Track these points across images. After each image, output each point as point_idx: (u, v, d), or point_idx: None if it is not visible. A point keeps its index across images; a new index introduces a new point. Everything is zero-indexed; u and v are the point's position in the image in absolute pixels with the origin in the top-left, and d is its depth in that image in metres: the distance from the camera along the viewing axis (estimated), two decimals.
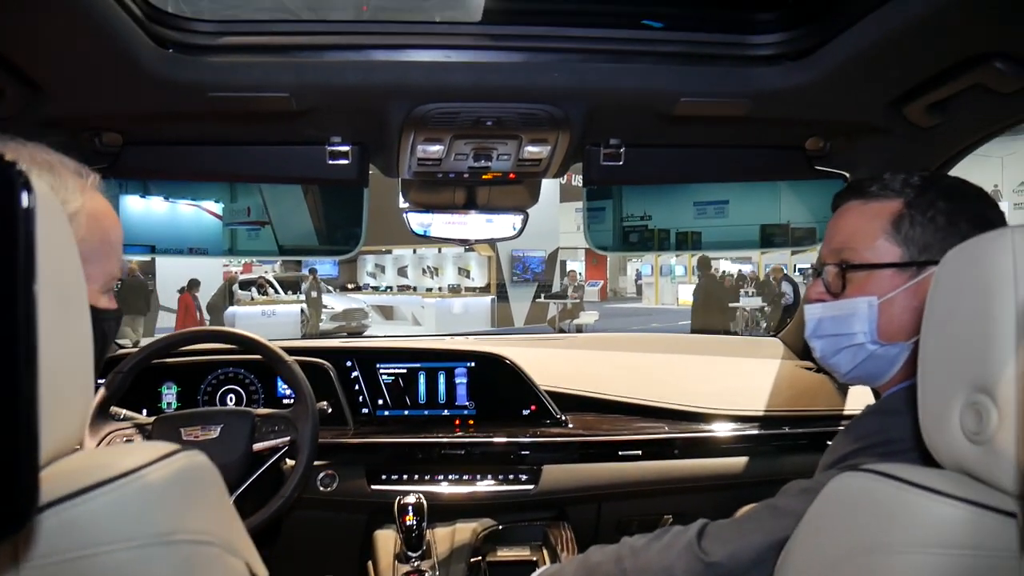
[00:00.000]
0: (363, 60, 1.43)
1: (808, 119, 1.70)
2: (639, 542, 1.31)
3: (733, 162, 1.95)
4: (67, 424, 0.66)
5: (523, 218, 2.06)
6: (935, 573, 0.77)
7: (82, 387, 0.68)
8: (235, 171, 1.89)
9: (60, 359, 0.63)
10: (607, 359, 2.65)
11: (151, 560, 0.66)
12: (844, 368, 1.25)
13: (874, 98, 1.57)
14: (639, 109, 1.61)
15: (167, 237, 2.09)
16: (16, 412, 0.54)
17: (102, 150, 1.72)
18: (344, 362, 2.32)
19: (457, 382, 2.35)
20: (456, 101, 1.53)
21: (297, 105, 1.50)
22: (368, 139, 1.76)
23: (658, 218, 2.22)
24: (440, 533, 2.04)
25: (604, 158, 1.79)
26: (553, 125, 1.61)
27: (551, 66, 1.47)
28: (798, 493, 1.15)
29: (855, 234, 1.21)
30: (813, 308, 1.27)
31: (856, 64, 1.41)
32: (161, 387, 2.27)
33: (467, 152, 1.74)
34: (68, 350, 0.65)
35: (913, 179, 1.20)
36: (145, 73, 1.36)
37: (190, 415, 1.84)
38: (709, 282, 14.98)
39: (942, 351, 0.82)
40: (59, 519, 0.62)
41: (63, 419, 0.65)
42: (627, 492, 2.18)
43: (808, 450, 2.20)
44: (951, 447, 0.79)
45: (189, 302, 15.23)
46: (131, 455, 0.69)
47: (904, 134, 1.67)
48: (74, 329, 0.67)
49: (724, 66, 1.51)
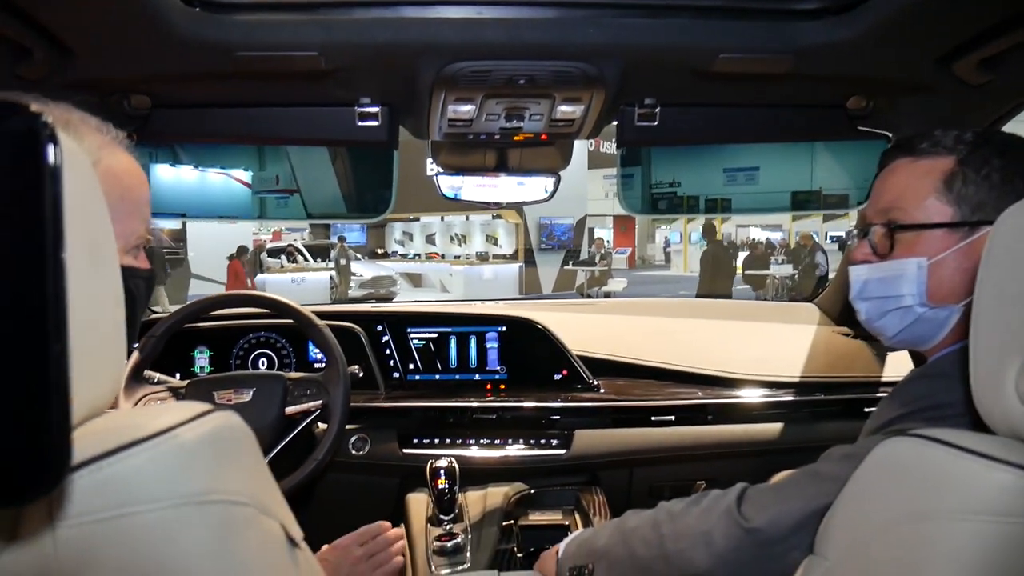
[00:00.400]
0: (393, 17, 1.40)
1: (851, 76, 1.64)
2: (676, 506, 1.30)
3: (772, 122, 1.90)
4: (100, 384, 0.65)
5: (555, 180, 2.03)
6: (988, 541, 0.75)
7: (114, 346, 0.68)
8: (264, 133, 1.87)
9: (91, 319, 0.62)
10: (638, 324, 2.63)
11: (186, 520, 0.65)
12: (891, 331, 1.21)
13: (922, 54, 1.51)
14: (676, 66, 1.56)
15: (197, 205, 2.09)
16: (47, 373, 0.53)
17: (131, 113, 1.71)
18: (375, 327, 2.32)
19: (488, 346, 2.34)
20: (488, 59, 1.49)
21: (326, 64, 1.47)
22: (398, 100, 1.73)
23: (687, 184, 2.18)
24: (472, 497, 2.04)
25: (639, 118, 1.75)
26: (587, 84, 1.57)
27: (586, 21, 1.43)
28: (840, 459, 1.13)
29: (904, 193, 1.17)
30: (859, 270, 1.24)
31: (904, 17, 1.35)
32: (194, 351, 2.28)
33: (499, 112, 1.71)
34: (99, 310, 0.64)
35: (966, 136, 1.15)
36: (173, 32, 1.34)
37: (223, 379, 1.85)
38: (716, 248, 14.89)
39: (998, 313, 0.79)
40: (92, 479, 0.62)
41: (95, 379, 0.64)
42: (659, 457, 2.16)
43: (844, 416, 2.17)
44: (1006, 412, 0.76)
45: (239, 268, 15.46)
46: (164, 415, 0.68)
47: (952, 92, 1.61)
48: (105, 288, 0.66)
49: (765, 21, 1.46)
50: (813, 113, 1.87)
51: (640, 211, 2.23)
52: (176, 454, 0.66)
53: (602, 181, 26.31)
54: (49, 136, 0.53)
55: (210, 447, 0.69)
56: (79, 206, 0.60)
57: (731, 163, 2.16)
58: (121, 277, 0.70)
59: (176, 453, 0.66)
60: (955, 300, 1.13)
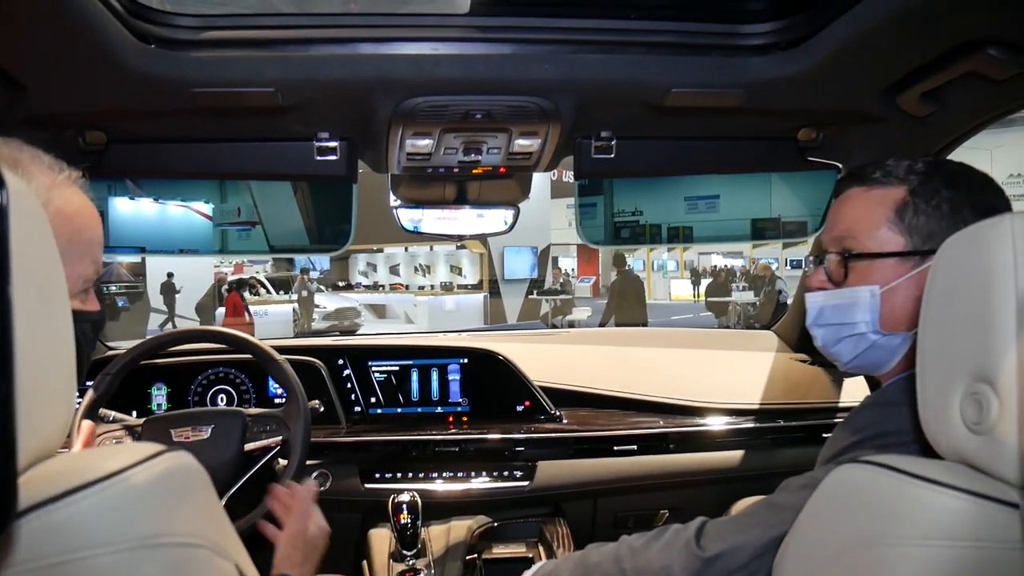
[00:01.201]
0: (349, 53, 1.41)
1: (801, 109, 1.68)
2: (638, 541, 1.30)
3: (726, 154, 1.94)
4: (48, 426, 0.64)
5: (514, 212, 2.04)
6: (937, 565, 0.76)
7: (63, 388, 0.67)
8: (222, 169, 1.86)
9: (40, 360, 0.61)
10: (601, 354, 2.64)
11: (137, 564, 0.64)
12: (845, 357, 1.24)
13: (867, 87, 1.55)
14: (630, 101, 1.59)
15: (157, 238, 2.07)
16: None
17: (86, 149, 1.69)
18: (336, 360, 2.30)
19: (450, 379, 2.33)
20: (444, 94, 1.51)
21: (283, 100, 1.47)
22: (356, 134, 1.74)
23: (649, 213, 2.21)
24: (435, 531, 2.03)
25: (595, 151, 1.78)
26: (543, 118, 1.59)
27: (541, 58, 1.45)
28: (797, 489, 1.14)
29: (858, 222, 1.20)
30: (815, 296, 1.26)
31: (849, 52, 1.40)
32: (151, 388, 2.25)
33: (456, 146, 1.73)
34: (48, 350, 0.64)
35: (917, 165, 1.18)
36: (127, 69, 1.33)
37: (180, 416, 1.82)
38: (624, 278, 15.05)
39: (941, 340, 0.81)
40: (41, 523, 0.61)
41: (43, 421, 0.63)
42: (623, 487, 2.17)
43: (803, 443, 2.19)
44: (951, 437, 0.78)
45: (237, 301, 15.34)
46: (115, 457, 0.67)
47: (898, 123, 1.66)
48: (54, 329, 0.65)
49: (716, 56, 1.49)
50: (765, 145, 1.92)
51: (601, 241, 2.25)
52: (127, 496, 0.65)
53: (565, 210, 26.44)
54: None
55: (162, 489, 0.68)
56: (27, 247, 0.59)
57: (692, 192, 2.19)
58: (71, 317, 0.69)
59: (127, 495, 0.65)
60: (907, 327, 1.16)
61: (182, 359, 2.26)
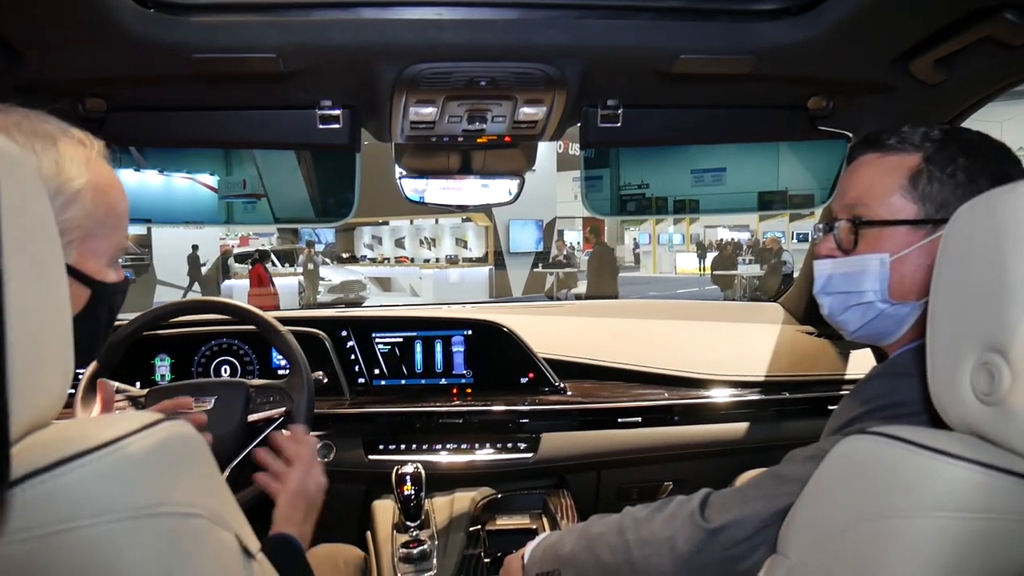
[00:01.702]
0: (351, 18, 1.39)
1: (811, 77, 1.65)
2: (641, 512, 1.29)
3: (734, 122, 1.91)
4: (43, 394, 0.63)
5: (519, 182, 2.02)
6: (946, 537, 0.75)
7: (60, 356, 0.66)
8: (224, 137, 1.84)
9: (34, 328, 0.60)
10: (605, 326, 2.63)
11: (134, 534, 0.64)
12: (852, 326, 1.22)
13: (879, 54, 1.52)
14: (637, 67, 1.56)
15: (162, 210, 2.06)
16: None
17: (86, 116, 1.67)
18: (339, 332, 2.30)
19: (454, 350, 2.33)
20: (448, 60, 1.48)
21: (285, 67, 1.45)
22: (359, 102, 1.71)
23: (656, 186, 2.19)
24: (439, 502, 2.03)
25: (602, 119, 1.75)
26: (549, 85, 1.57)
27: (546, 23, 1.42)
28: (803, 460, 1.13)
29: (870, 189, 1.18)
30: (823, 264, 1.25)
31: (860, 18, 1.37)
32: (154, 359, 2.25)
33: (461, 114, 1.70)
34: (43, 318, 0.63)
35: (933, 133, 1.16)
36: (126, 34, 1.31)
37: (184, 387, 1.81)
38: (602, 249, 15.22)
39: (952, 310, 0.80)
40: (36, 492, 0.60)
41: (38, 390, 0.62)
42: (627, 459, 2.17)
43: (808, 415, 2.19)
44: (961, 408, 0.77)
45: (261, 272, 15.67)
46: (112, 425, 0.66)
47: (909, 91, 1.63)
48: (49, 297, 0.64)
49: (725, 22, 1.46)
50: (774, 113, 1.89)
51: (607, 213, 2.23)
52: (124, 465, 0.64)
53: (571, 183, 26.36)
54: None
55: (159, 458, 0.68)
56: (19, 214, 0.58)
57: (698, 164, 2.17)
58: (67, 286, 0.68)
59: (123, 464, 0.64)
60: (916, 297, 1.14)
61: (186, 330, 2.26)
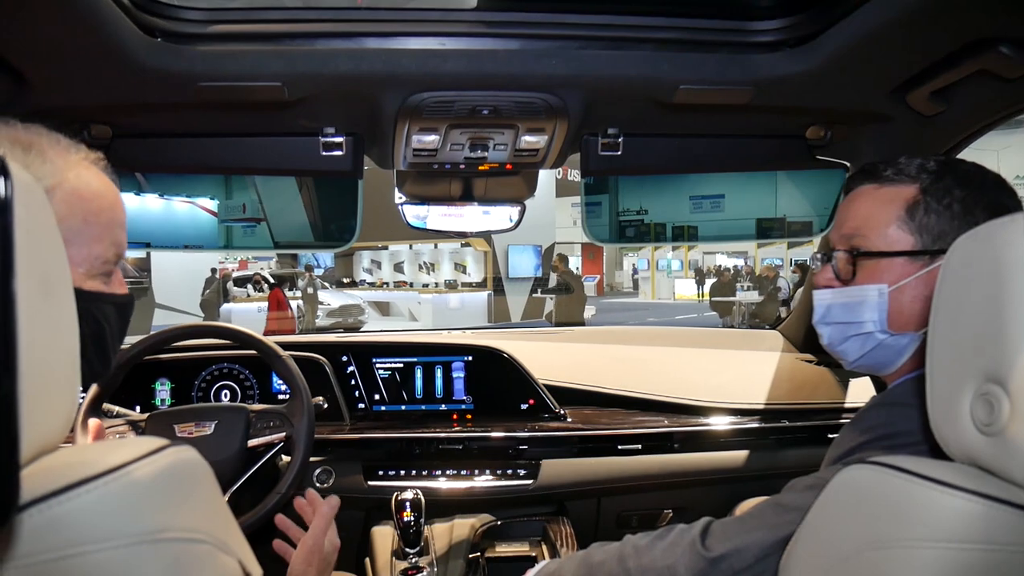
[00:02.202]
0: (355, 48, 1.41)
1: (809, 107, 1.67)
2: (642, 541, 1.29)
3: (733, 152, 1.93)
4: (51, 419, 0.64)
5: (520, 209, 2.04)
6: (946, 568, 0.75)
7: (67, 381, 0.66)
8: (228, 163, 1.86)
9: (43, 353, 0.61)
10: (605, 352, 2.63)
11: (139, 559, 0.64)
12: (851, 356, 1.23)
13: (877, 85, 1.54)
14: (638, 97, 1.58)
15: (162, 234, 2.06)
16: None
17: (91, 143, 1.67)
18: (340, 357, 2.30)
19: (454, 376, 2.33)
20: (451, 90, 1.50)
21: (289, 94, 1.47)
22: (362, 129, 1.73)
23: (654, 212, 2.20)
24: (438, 529, 2.02)
25: (602, 148, 1.77)
26: (550, 114, 1.59)
27: (548, 53, 1.44)
28: (803, 489, 1.13)
29: (867, 220, 1.19)
30: (822, 294, 1.25)
31: (858, 50, 1.38)
32: (155, 383, 2.24)
33: (463, 142, 1.72)
34: (51, 343, 0.63)
35: (929, 164, 1.18)
36: (132, 62, 1.33)
37: (184, 411, 1.82)
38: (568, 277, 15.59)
39: (952, 340, 0.80)
40: (42, 517, 0.60)
41: (46, 414, 0.62)
42: (627, 486, 2.16)
43: (808, 443, 2.18)
44: (961, 439, 0.77)
45: (280, 297, 15.65)
46: (117, 451, 0.67)
47: (907, 122, 1.64)
48: (58, 322, 0.65)
49: (724, 53, 1.48)
50: (773, 143, 1.90)
51: (607, 240, 2.24)
52: (129, 491, 0.64)
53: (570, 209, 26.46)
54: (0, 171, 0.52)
55: (164, 483, 0.68)
56: (31, 239, 0.59)
57: (697, 191, 2.18)
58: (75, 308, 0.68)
59: (129, 490, 0.64)
60: (914, 328, 1.15)
61: (186, 355, 2.26)
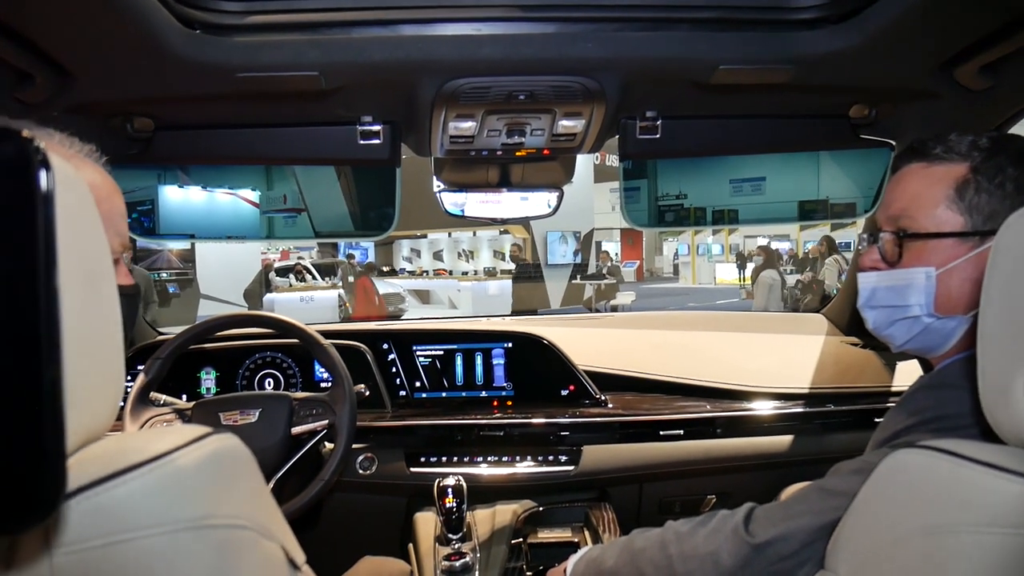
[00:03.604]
0: (391, 35, 1.40)
1: (853, 85, 1.63)
2: (684, 527, 1.28)
3: (774, 133, 1.89)
4: (97, 409, 0.65)
5: (558, 195, 2.02)
6: (1000, 553, 0.73)
7: (112, 370, 0.67)
8: (267, 154, 1.88)
9: (88, 342, 0.62)
10: (645, 337, 2.61)
11: (184, 546, 0.65)
12: (899, 340, 1.20)
13: (923, 61, 1.50)
14: (676, 79, 1.56)
15: (205, 225, 2.09)
16: (41, 399, 0.53)
17: (134, 136, 1.72)
18: (381, 345, 2.32)
19: (494, 363, 2.33)
20: (487, 75, 1.49)
21: (327, 84, 1.47)
22: (399, 117, 1.73)
23: (694, 196, 2.17)
24: (480, 515, 2.03)
25: (640, 131, 1.75)
26: (587, 98, 1.57)
27: (584, 36, 1.42)
28: (849, 474, 1.11)
29: (915, 200, 1.16)
30: (868, 277, 1.22)
31: (903, 25, 1.34)
32: (200, 372, 2.28)
33: (500, 128, 1.71)
34: (96, 333, 0.64)
35: (981, 141, 1.14)
36: (172, 55, 1.34)
37: (228, 400, 1.84)
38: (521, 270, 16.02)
39: (1004, 321, 0.78)
40: (90, 504, 0.61)
41: (92, 404, 0.64)
42: (669, 472, 2.15)
43: (855, 428, 2.15)
44: (1015, 421, 0.75)
45: (367, 284, 15.26)
46: (162, 439, 0.68)
47: (954, 98, 1.60)
48: (101, 311, 0.65)
49: (764, 31, 1.45)
50: (815, 123, 1.86)
51: (646, 224, 2.22)
52: (173, 479, 0.65)
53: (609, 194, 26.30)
54: (41, 161, 0.53)
55: (208, 471, 0.69)
56: (73, 230, 0.59)
57: (737, 174, 2.15)
58: (118, 299, 0.69)
59: (173, 478, 0.65)
60: (963, 311, 1.12)
61: (230, 344, 2.30)
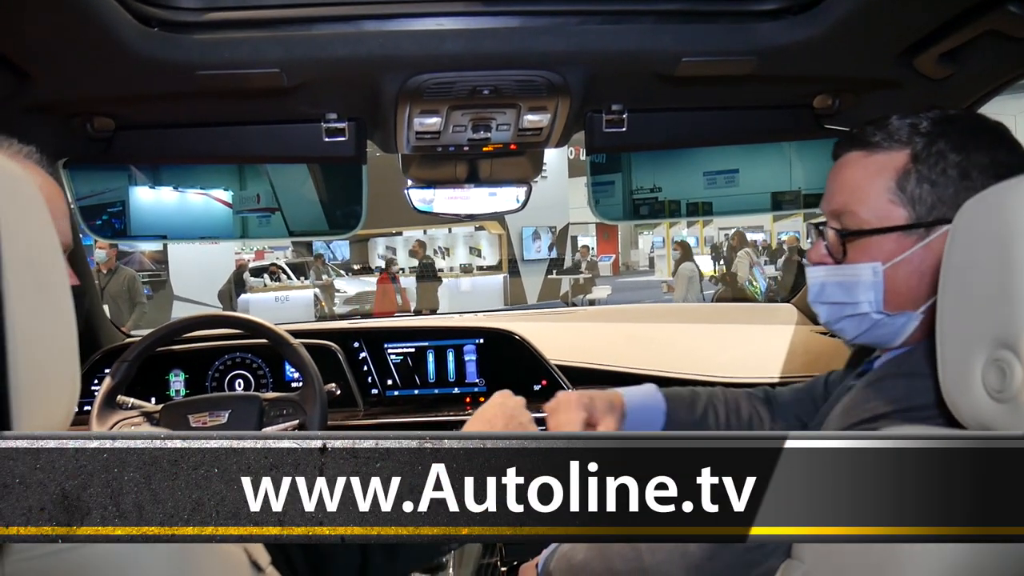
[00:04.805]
0: (353, 31, 1.39)
1: (815, 75, 1.64)
2: None
3: (739, 124, 1.90)
4: (49, 413, 0.64)
5: (527, 190, 2.03)
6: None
7: (65, 374, 0.66)
8: (231, 152, 1.86)
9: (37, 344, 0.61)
10: (619, 330, 2.62)
11: (139, 549, 0.64)
12: (850, 335, 1.18)
13: (883, 50, 1.51)
14: (640, 72, 1.56)
15: (177, 226, 2.07)
16: None
17: (95, 136, 1.69)
18: (351, 343, 2.30)
19: (466, 359, 2.33)
20: (450, 70, 1.48)
21: (288, 81, 1.46)
22: (364, 114, 1.72)
23: (668, 189, 2.17)
24: None
25: (607, 124, 1.75)
26: (552, 92, 1.57)
27: (547, 30, 1.42)
28: None
29: (856, 194, 1.13)
30: (816, 272, 1.21)
31: (862, 14, 1.35)
32: (169, 375, 2.26)
33: (465, 123, 1.70)
34: (46, 335, 0.63)
35: (922, 125, 1.11)
36: (130, 53, 1.32)
37: (197, 401, 1.83)
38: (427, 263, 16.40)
39: (961, 308, 0.78)
40: None
41: (44, 406, 0.62)
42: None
43: None
44: (974, 406, 0.76)
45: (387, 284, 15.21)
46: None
47: (916, 87, 1.61)
48: (52, 313, 0.64)
49: (726, 23, 1.45)
50: (780, 113, 1.87)
51: (619, 218, 2.22)
52: None
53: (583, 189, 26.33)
54: None
55: None
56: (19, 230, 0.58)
57: (710, 166, 2.15)
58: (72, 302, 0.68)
59: None
60: (913, 306, 1.10)
61: (199, 345, 2.27)
